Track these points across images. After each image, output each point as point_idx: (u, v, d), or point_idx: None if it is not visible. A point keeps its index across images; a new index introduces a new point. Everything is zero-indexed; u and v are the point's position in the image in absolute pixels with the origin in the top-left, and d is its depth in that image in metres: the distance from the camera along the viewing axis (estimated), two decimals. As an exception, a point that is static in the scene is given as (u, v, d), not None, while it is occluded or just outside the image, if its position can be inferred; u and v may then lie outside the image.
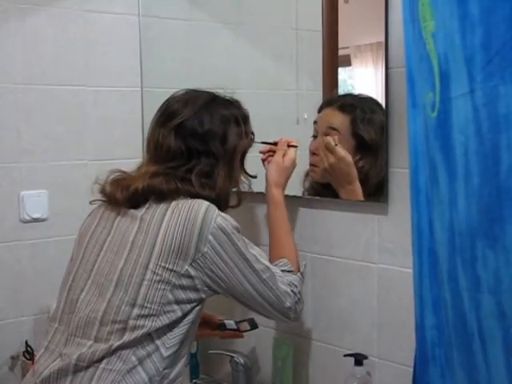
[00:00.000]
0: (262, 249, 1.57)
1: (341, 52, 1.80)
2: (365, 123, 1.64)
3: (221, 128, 1.54)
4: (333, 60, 1.82)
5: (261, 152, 1.73)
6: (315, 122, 1.77)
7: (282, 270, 1.55)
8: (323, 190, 1.74)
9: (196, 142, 1.52)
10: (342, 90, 1.83)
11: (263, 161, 1.72)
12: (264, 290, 1.48)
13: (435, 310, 1.15)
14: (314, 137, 1.77)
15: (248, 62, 2.05)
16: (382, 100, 1.58)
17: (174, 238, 1.43)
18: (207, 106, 1.56)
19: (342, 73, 1.85)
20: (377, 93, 1.65)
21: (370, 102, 1.66)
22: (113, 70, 2.17)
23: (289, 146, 1.70)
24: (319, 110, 1.77)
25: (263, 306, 1.51)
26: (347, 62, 1.82)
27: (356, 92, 1.82)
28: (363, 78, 1.85)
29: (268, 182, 1.67)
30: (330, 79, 1.82)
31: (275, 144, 1.72)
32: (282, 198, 1.66)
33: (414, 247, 1.22)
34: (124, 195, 1.52)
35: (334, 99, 1.78)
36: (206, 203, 1.46)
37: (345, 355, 1.63)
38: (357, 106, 1.68)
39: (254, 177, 1.68)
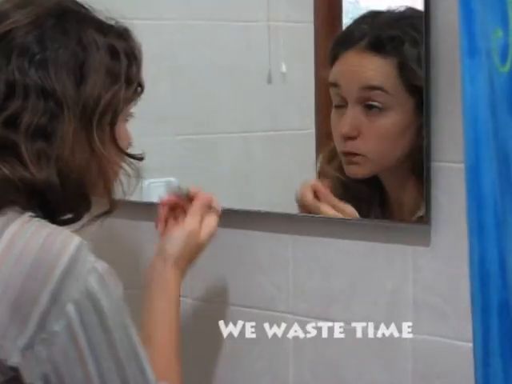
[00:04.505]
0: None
1: None
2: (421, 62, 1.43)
3: (80, 55, 1.25)
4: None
5: (161, 203, 1.52)
6: (335, 85, 1.60)
7: None
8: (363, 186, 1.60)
9: (29, 69, 1.21)
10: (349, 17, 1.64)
11: (157, 223, 1.51)
12: None
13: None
14: (337, 107, 1.61)
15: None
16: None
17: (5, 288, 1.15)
18: (63, 14, 1.32)
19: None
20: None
21: (411, 21, 1.47)
22: None
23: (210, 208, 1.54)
24: (332, 60, 1.57)
25: None
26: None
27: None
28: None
29: (165, 253, 1.46)
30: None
31: (189, 199, 1.51)
32: (179, 286, 1.48)
33: (474, 301, 1.10)
34: None
35: (353, 32, 1.57)
36: (76, 239, 1.17)
37: None
38: (401, 36, 1.49)
39: (139, 158, 1.43)
